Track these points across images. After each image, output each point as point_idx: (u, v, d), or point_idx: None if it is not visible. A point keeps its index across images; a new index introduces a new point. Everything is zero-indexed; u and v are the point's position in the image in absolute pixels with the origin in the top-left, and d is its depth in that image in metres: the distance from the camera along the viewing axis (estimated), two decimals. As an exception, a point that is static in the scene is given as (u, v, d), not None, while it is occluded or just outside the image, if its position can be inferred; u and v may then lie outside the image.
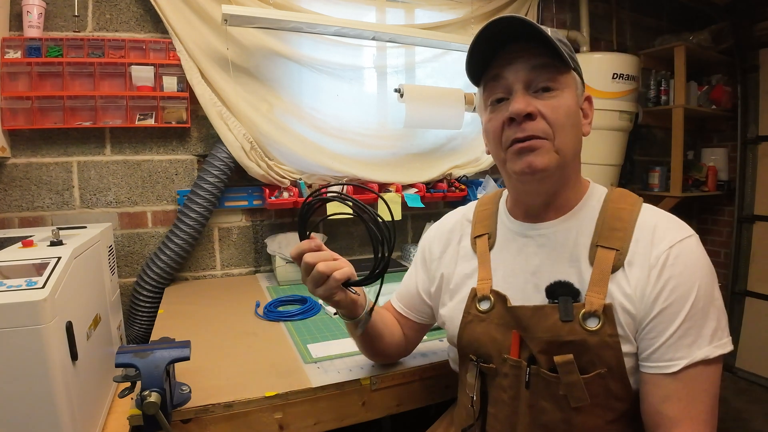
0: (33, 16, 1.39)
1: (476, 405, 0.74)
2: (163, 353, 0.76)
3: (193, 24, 1.55)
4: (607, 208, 0.70)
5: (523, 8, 2.04)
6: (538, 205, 0.73)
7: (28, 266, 0.83)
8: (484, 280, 0.76)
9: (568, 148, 0.67)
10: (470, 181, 1.99)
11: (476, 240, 0.81)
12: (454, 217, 0.90)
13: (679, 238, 0.64)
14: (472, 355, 0.76)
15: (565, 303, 0.66)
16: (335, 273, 0.73)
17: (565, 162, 0.68)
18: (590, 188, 0.75)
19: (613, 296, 0.64)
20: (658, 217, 0.68)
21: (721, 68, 2.48)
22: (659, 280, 0.63)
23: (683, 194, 2.32)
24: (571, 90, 0.69)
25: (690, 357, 0.60)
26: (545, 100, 0.66)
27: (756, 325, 2.40)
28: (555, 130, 0.66)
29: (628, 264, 0.65)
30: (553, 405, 0.67)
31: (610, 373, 0.64)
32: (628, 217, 0.68)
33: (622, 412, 0.66)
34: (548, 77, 0.66)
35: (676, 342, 0.61)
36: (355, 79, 1.84)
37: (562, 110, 0.66)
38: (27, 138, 1.48)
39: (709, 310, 0.62)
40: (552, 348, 0.66)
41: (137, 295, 1.55)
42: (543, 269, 0.71)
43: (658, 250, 0.64)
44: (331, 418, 0.92)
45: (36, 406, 0.72)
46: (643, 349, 0.64)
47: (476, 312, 0.75)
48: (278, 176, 1.67)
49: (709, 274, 0.64)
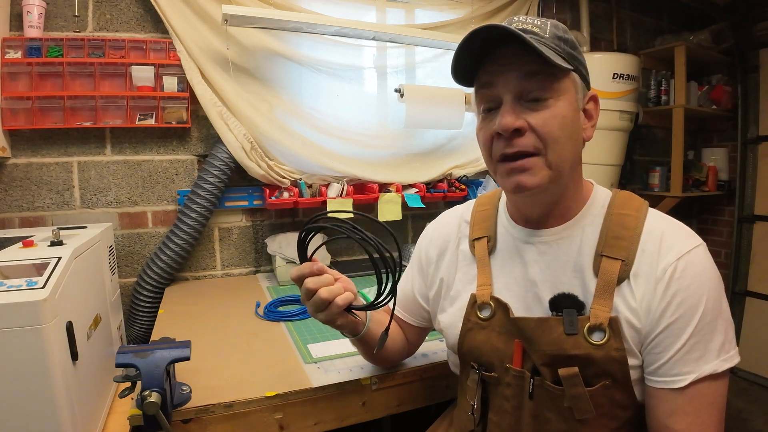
0: (33, 16, 1.39)
1: (477, 413, 0.73)
2: (164, 353, 0.76)
3: (194, 24, 1.55)
4: (611, 214, 0.67)
5: (523, 8, 2.04)
6: (536, 214, 0.71)
7: (29, 266, 0.83)
8: (483, 286, 0.74)
9: (563, 161, 0.63)
10: (470, 181, 1.99)
11: (475, 243, 0.78)
12: (452, 218, 0.87)
13: (687, 249, 0.62)
14: (474, 362, 0.74)
15: (569, 316, 0.64)
16: (337, 299, 0.70)
17: (560, 176, 0.64)
18: (593, 192, 0.71)
19: (618, 309, 0.62)
20: (665, 225, 0.65)
21: (721, 68, 2.48)
22: (666, 293, 0.61)
23: (683, 194, 2.32)
24: (569, 96, 0.64)
25: (697, 372, 0.59)
26: (537, 112, 0.62)
27: (756, 325, 2.39)
28: (547, 144, 0.62)
29: (633, 275, 0.63)
30: (558, 416, 0.66)
31: (615, 384, 0.63)
32: (634, 224, 0.65)
33: (626, 420, 0.65)
34: (541, 86, 0.62)
35: (683, 357, 0.59)
36: (356, 79, 1.84)
37: (555, 122, 0.62)
38: (27, 138, 1.48)
39: (717, 324, 0.60)
40: (556, 361, 0.64)
41: (137, 295, 1.55)
42: (545, 278, 0.69)
43: (665, 262, 0.61)
44: (331, 418, 0.92)
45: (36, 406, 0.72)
46: (649, 363, 0.62)
47: (477, 319, 0.73)
48: (278, 176, 1.67)
49: (717, 285, 0.62)
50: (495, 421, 0.73)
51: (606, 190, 0.73)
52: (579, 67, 0.66)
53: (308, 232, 0.71)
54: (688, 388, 0.59)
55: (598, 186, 0.73)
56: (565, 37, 0.65)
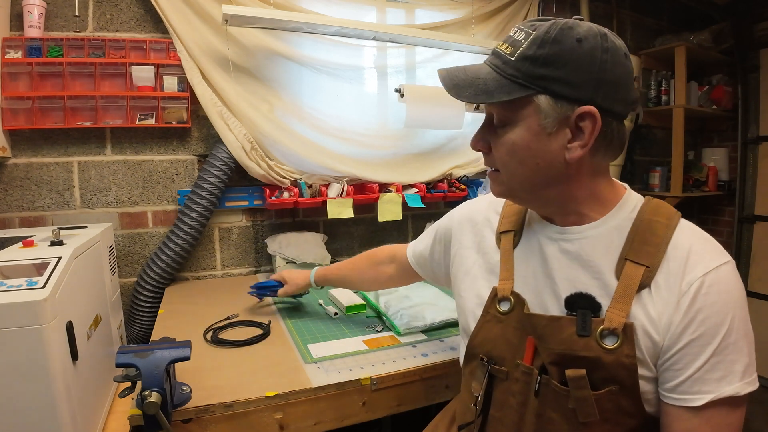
0: (33, 16, 1.39)
1: (479, 405, 0.73)
2: (164, 353, 0.76)
3: (194, 24, 1.55)
4: (641, 219, 0.66)
5: (523, 9, 2.04)
6: (545, 214, 0.72)
7: (29, 266, 0.83)
8: (506, 280, 0.74)
9: (515, 182, 0.67)
10: (471, 181, 1.99)
11: (501, 236, 0.78)
12: (483, 207, 0.87)
13: (715, 265, 0.60)
14: (483, 355, 0.74)
15: (583, 317, 0.63)
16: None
17: (514, 192, 0.70)
18: (625, 196, 0.69)
19: (636, 317, 0.61)
20: (695, 239, 0.64)
21: (721, 68, 2.48)
22: (690, 309, 0.59)
23: (684, 194, 2.32)
24: (528, 122, 0.62)
25: (718, 392, 0.57)
26: (496, 136, 0.66)
27: (756, 325, 2.32)
28: (498, 167, 0.68)
29: (655, 284, 0.61)
30: (561, 417, 0.65)
31: (622, 391, 0.62)
32: (663, 232, 0.64)
33: (631, 428, 0.64)
34: (497, 114, 0.65)
35: (703, 376, 0.58)
36: (356, 79, 1.84)
37: (504, 148, 0.66)
38: (27, 138, 1.48)
39: (742, 345, 0.58)
40: (564, 361, 0.64)
41: (138, 295, 1.55)
42: (563, 276, 0.68)
43: (691, 276, 0.60)
44: (331, 418, 0.92)
45: (36, 406, 0.72)
46: (668, 380, 0.60)
47: (496, 312, 0.73)
48: (279, 176, 1.67)
49: (743, 305, 0.60)
50: (497, 417, 0.73)
51: (639, 195, 0.71)
52: (550, 87, 0.60)
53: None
54: (706, 408, 0.58)
55: (632, 191, 0.72)
56: (541, 55, 0.60)
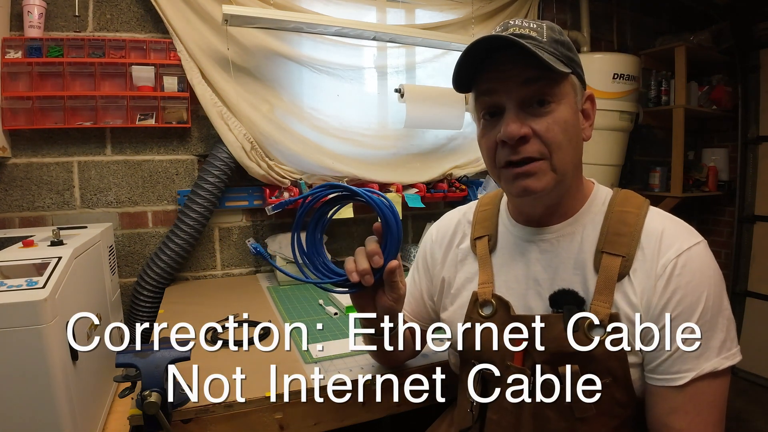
0: (33, 16, 1.39)
1: (476, 410, 0.74)
2: (164, 353, 0.76)
3: (194, 24, 1.55)
4: (612, 211, 0.68)
5: (523, 8, 2.04)
6: (538, 213, 0.72)
7: (29, 266, 0.83)
8: (485, 284, 0.75)
9: (567, 164, 0.64)
10: (471, 181, 1.99)
11: (476, 242, 0.79)
12: (454, 217, 0.88)
13: (687, 245, 0.62)
14: (474, 360, 0.74)
15: (569, 313, 0.64)
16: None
17: (564, 178, 0.65)
18: (594, 190, 0.72)
19: (618, 306, 0.63)
20: (665, 223, 0.65)
21: (721, 68, 2.48)
22: (666, 290, 0.61)
23: (684, 194, 2.32)
24: (569, 98, 0.64)
25: (698, 369, 0.59)
26: (540, 117, 0.62)
27: (756, 325, 2.39)
28: (551, 149, 0.63)
29: (633, 272, 0.63)
30: (558, 414, 0.66)
31: (615, 382, 0.63)
32: (634, 221, 0.66)
33: (626, 418, 0.65)
34: (542, 91, 0.62)
35: (682, 354, 0.59)
36: (356, 79, 1.84)
37: (558, 127, 0.62)
38: (27, 138, 1.48)
39: (717, 321, 0.60)
40: (556, 358, 0.65)
41: (138, 295, 1.55)
42: (546, 276, 0.69)
43: (665, 259, 0.62)
44: (331, 418, 0.92)
45: (36, 406, 0.72)
46: (650, 361, 0.62)
47: (478, 317, 0.74)
48: (279, 176, 1.67)
49: (718, 282, 0.62)
50: (494, 420, 0.73)
51: (607, 188, 0.73)
52: (576, 69, 0.66)
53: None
54: (688, 386, 0.59)
55: (599, 185, 0.74)
56: (562, 40, 0.65)
